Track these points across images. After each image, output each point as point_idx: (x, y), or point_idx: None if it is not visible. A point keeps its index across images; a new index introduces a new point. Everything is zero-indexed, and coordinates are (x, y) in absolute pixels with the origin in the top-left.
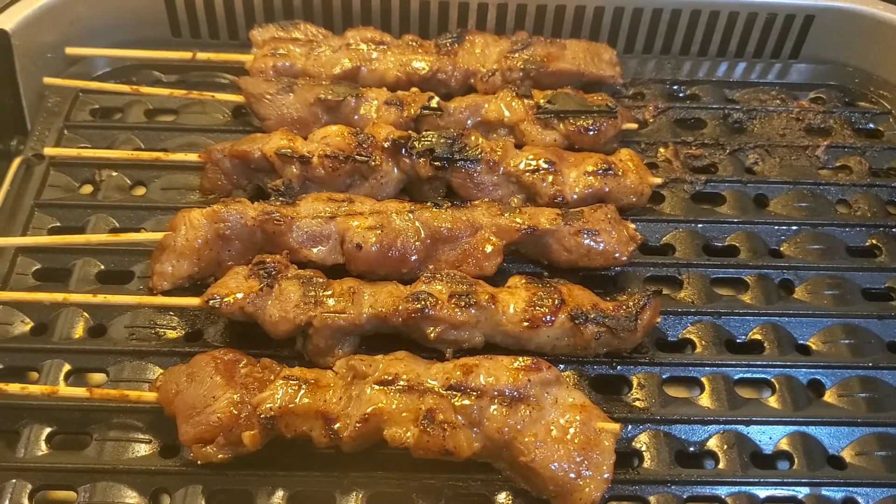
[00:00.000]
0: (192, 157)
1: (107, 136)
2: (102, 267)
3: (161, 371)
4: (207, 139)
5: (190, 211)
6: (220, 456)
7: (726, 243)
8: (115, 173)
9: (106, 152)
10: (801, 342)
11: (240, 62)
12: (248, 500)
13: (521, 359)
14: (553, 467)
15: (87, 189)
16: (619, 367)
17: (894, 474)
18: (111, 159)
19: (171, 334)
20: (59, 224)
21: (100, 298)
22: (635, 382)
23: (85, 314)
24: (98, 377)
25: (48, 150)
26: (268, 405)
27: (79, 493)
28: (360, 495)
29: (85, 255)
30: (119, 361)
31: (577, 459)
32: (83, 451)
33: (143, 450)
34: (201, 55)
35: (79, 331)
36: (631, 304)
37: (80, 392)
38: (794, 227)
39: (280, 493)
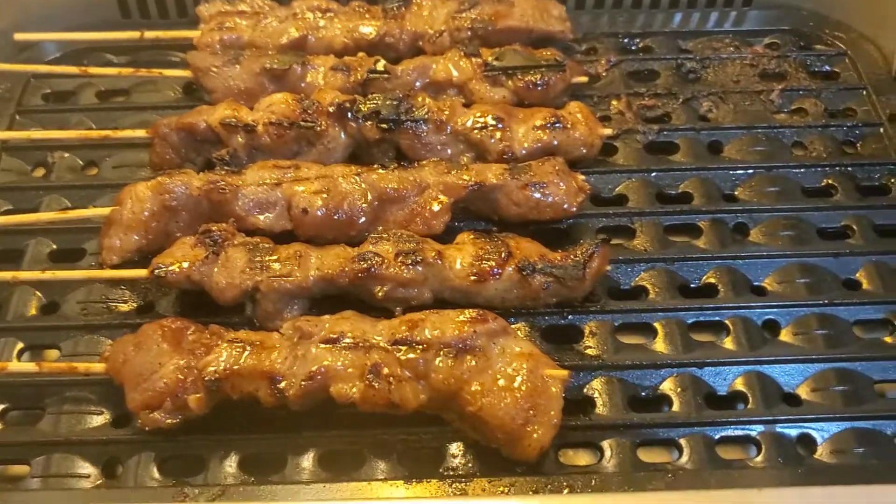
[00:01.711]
0: (140, 133)
1: (59, 119)
2: (55, 246)
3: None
4: (160, 116)
5: (135, 184)
6: (168, 421)
7: (679, 191)
8: (66, 155)
9: (56, 133)
10: (756, 284)
11: (188, 38)
12: (201, 465)
13: (467, 311)
14: (500, 415)
15: (41, 172)
16: (570, 316)
17: (850, 408)
18: (62, 140)
19: (123, 308)
20: (11, 207)
21: (48, 275)
22: (587, 331)
23: (37, 293)
24: (52, 353)
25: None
26: (212, 368)
27: (32, 467)
28: (313, 454)
29: (37, 236)
30: (71, 337)
31: (525, 407)
32: (36, 426)
33: (95, 421)
34: (149, 34)
35: (32, 309)
36: (579, 253)
37: (29, 367)
38: (749, 171)
39: (232, 456)
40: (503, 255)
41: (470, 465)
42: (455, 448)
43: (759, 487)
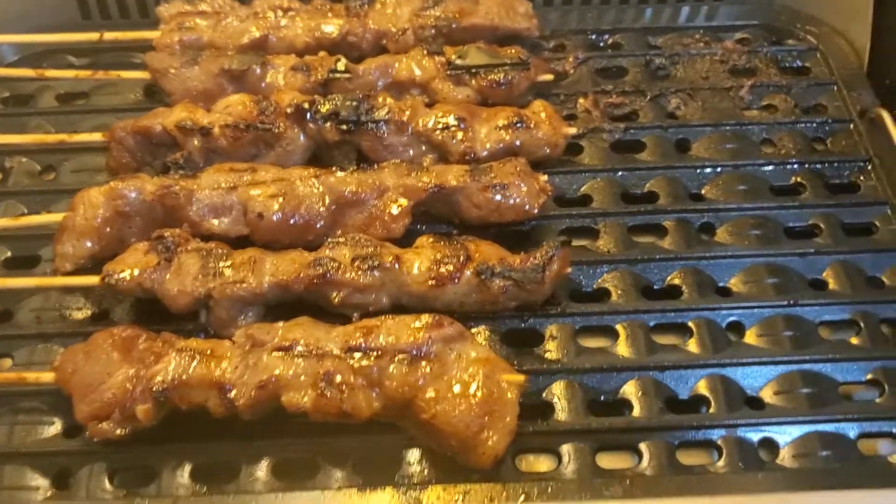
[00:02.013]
0: (97, 136)
1: (17, 122)
2: (9, 253)
3: None
4: (119, 119)
5: (88, 190)
6: (117, 432)
7: (645, 190)
8: (24, 159)
9: (11, 137)
10: (722, 284)
11: (148, 39)
12: (153, 475)
13: (423, 316)
14: (454, 423)
15: None
16: (530, 320)
17: (814, 411)
18: (19, 145)
19: (78, 315)
20: None
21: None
22: (547, 334)
23: None
24: (6, 362)
25: None
26: (159, 378)
27: None
28: (267, 463)
29: None
30: (24, 345)
31: (479, 414)
32: None
33: (47, 431)
34: (109, 35)
35: None
36: (538, 256)
37: None
38: (717, 169)
39: (185, 466)
40: (462, 258)
41: (426, 472)
42: (411, 456)
43: (712, 495)
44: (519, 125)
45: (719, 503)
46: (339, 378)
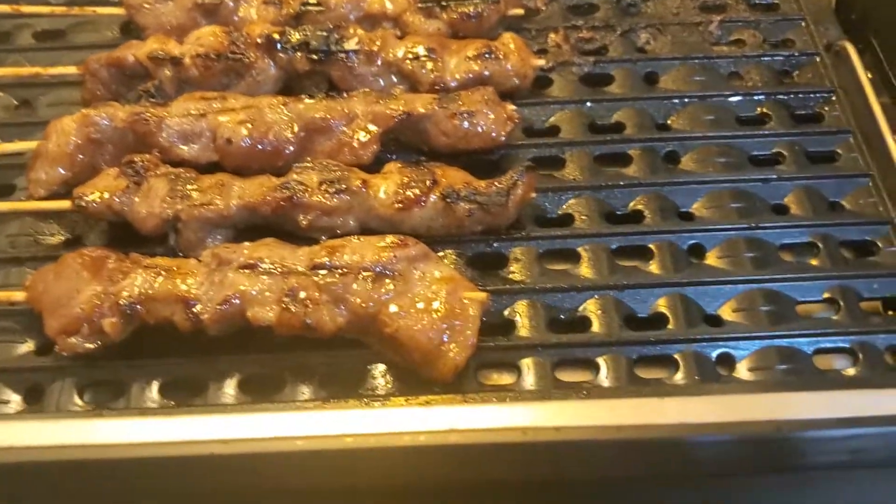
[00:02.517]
0: (72, 69)
1: None
2: None
3: None
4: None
5: (61, 118)
6: (86, 345)
7: (612, 121)
8: (1, 94)
9: None
10: (684, 210)
11: None
12: (122, 391)
13: (388, 237)
14: (416, 336)
15: None
16: (495, 244)
17: (772, 327)
18: None
19: (51, 241)
20: None
21: None
22: (511, 257)
23: None
24: None
25: None
26: (126, 292)
27: None
28: (233, 379)
29: None
30: None
31: (441, 328)
32: None
33: (19, 350)
34: None
35: None
36: (503, 180)
37: None
38: (685, 101)
39: (154, 382)
40: (428, 183)
41: (390, 385)
42: (375, 370)
43: (662, 397)
44: (488, 56)
45: (667, 404)
46: (303, 294)
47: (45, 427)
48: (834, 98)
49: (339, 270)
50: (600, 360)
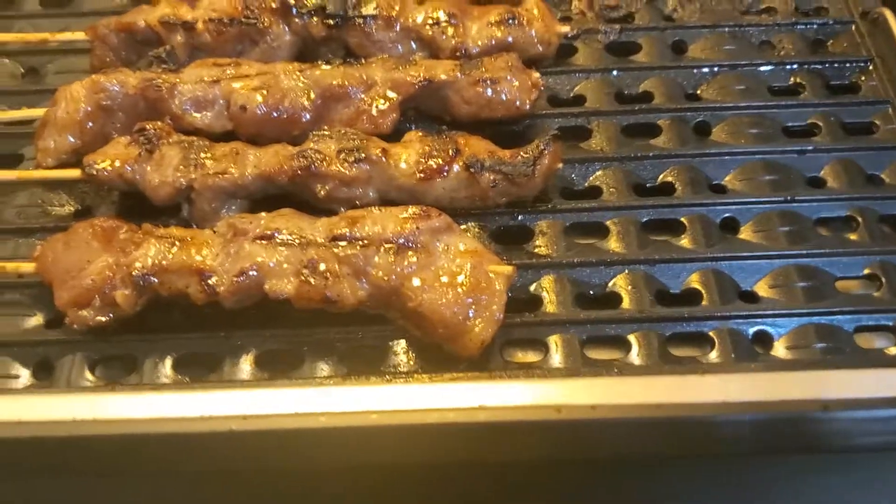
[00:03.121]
0: (80, 35)
1: (1, 25)
2: None
3: None
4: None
5: (70, 84)
6: (97, 318)
7: (640, 91)
8: (7, 61)
9: None
10: (716, 182)
11: None
12: (134, 366)
13: (410, 208)
14: (441, 310)
15: None
16: (520, 217)
17: (811, 304)
18: (1, 45)
19: (61, 211)
20: None
21: None
22: (537, 230)
23: None
24: None
25: None
26: (139, 263)
27: None
28: (249, 354)
29: None
30: (7, 241)
31: (466, 302)
32: None
33: (28, 323)
34: None
35: None
36: (529, 150)
37: None
38: (714, 70)
39: (167, 357)
40: (451, 152)
41: (412, 362)
42: (397, 346)
43: (701, 374)
44: (511, 22)
45: (707, 381)
46: (323, 266)
47: (55, 401)
48: (871, 67)
49: (360, 242)
50: (631, 338)
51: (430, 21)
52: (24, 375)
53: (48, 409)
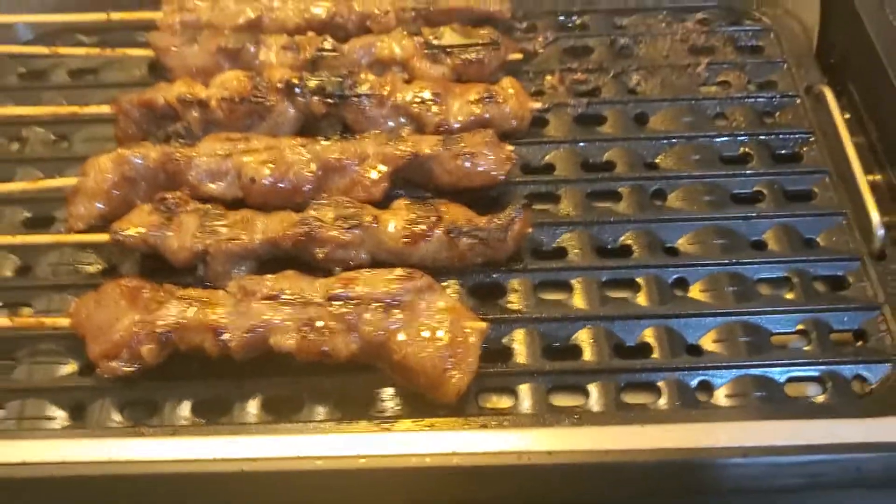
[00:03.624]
0: (105, 109)
1: (33, 96)
2: (28, 214)
3: None
4: (125, 93)
5: (98, 156)
6: (124, 369)
7: (604, 159)
8: (40, 129)
9: (27, 109)
10: (670, 245)
11: (152, 20)
12: (157, 409)
13: (397, 270)
14: (423, 362)
15: (15, 146)
16: (495, 275)
17: (748, 357)
18: (34, 116)
19: (90, 269)
20: None
21: (19, 239)
22: (510, 288)
23: (12, 256)
24: (27, 310)
25: None
26: (161, 322)
27: (6, 409)
28: (257, 400)
29: (12, 205)
30: (42, 295)
31: (445, 355)
32: (10, 375)
33: (64, 370)
34: (116, 15)
35: (7, 271)
36: (502, 217)
37: (3, 321)
38: (672, 141)
39: (185, 401)
40: (433, 219)
41: (398, 407)
42: (385, 393)
43: (643, 424)
44: (489, 100)
45: (648, 430)
46: (320, 323)
47: (89, 444)
48: (812, 139)
49: (353, 301)
50: (591, 387)
51: (416, 100)
52: (61, 417)
53: (84, 450)
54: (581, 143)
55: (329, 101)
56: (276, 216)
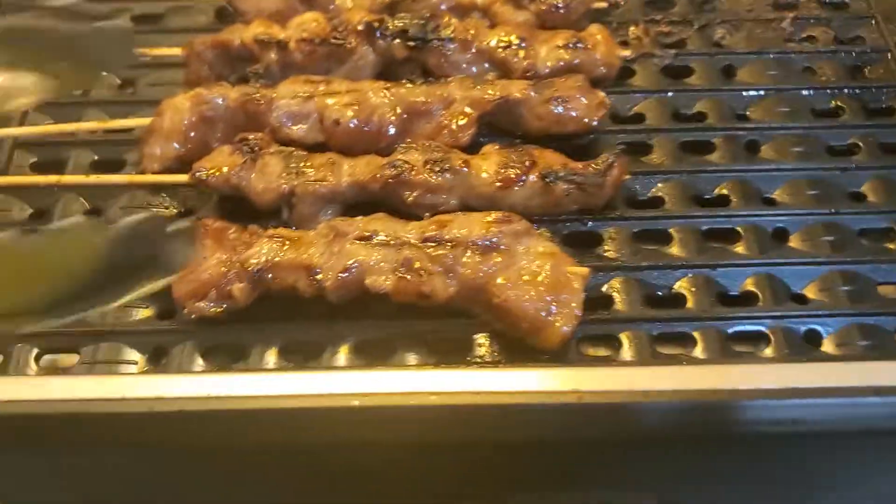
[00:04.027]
0: (175, 51)
1: None
2: (96, 157)
3: None
4: (196, 37)
5: (174, 96)
6: (212, 309)
7: (694, 110)
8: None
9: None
10: (767, 195)
11: None
12: (242, 353)
13: (492, 213)
14: (524, 307)
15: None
16: (590, 223)
17: (856, 305)
18: None
19: (165, 213)
20: (53, 122)
21: (92, 178)
22: (606, 236)
23: (81, 199)
24: None
25: None
26: (254, 259)
27: (82, 354)
28: (348, 344)
29: (78, 148)
30: None
31: (547, 299)
32: (85, 319)
33: (141, 314)
34: None
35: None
36: (599, 161)
37: None
38: (761, 93)
39: (272, 345)
40: (527, 163)
41: (496, 353)
42: (482, 338)
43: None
44: (577, 45)
45: (757, 370)
46: (417, 264)
47: (170, 381)
48: None
49: (449, 243)
50: (696, 335)
51: (502, 44)
52: (140, 360)
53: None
54: (670, 93)
55: (411, 44)
56: (363, 159)
